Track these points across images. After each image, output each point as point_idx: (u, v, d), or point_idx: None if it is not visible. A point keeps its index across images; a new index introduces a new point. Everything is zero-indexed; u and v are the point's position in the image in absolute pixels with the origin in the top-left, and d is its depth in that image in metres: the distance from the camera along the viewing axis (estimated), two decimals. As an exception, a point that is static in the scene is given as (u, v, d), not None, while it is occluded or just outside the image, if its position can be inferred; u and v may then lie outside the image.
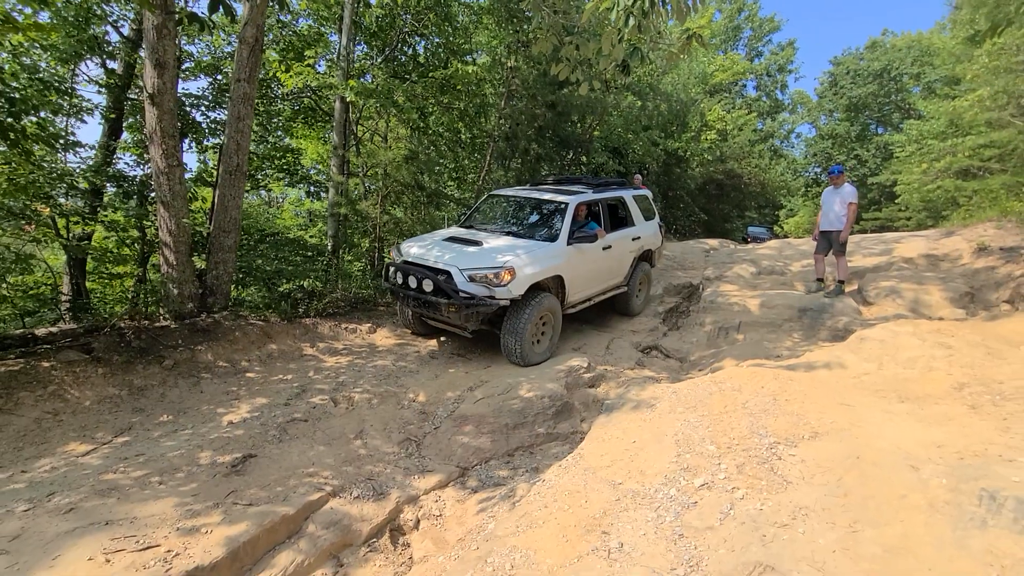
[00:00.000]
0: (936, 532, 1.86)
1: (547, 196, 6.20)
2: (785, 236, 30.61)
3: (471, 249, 5.33)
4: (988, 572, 1.66)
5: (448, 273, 4.99)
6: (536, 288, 5.24)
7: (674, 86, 16.28)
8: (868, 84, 27.25)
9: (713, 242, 13.19)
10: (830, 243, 6.81)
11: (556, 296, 5.57)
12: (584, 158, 13.72)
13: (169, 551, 2.41)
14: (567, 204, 5.88)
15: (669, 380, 5.19)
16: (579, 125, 12.35)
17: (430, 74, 8.80)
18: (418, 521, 3.18)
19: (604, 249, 6.22)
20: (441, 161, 10.69)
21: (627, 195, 7.11)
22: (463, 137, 10.98)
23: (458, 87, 8.88)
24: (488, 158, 10.74)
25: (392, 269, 5.49)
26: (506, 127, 10.48)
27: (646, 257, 7.45)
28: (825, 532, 1.94)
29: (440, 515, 3.23)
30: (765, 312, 6.95)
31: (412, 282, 5.19)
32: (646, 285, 7.58)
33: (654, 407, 3.40)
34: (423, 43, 9.77)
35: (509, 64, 9.85)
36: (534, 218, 6.40)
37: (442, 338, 6.18)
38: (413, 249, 5.56)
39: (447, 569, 2.36)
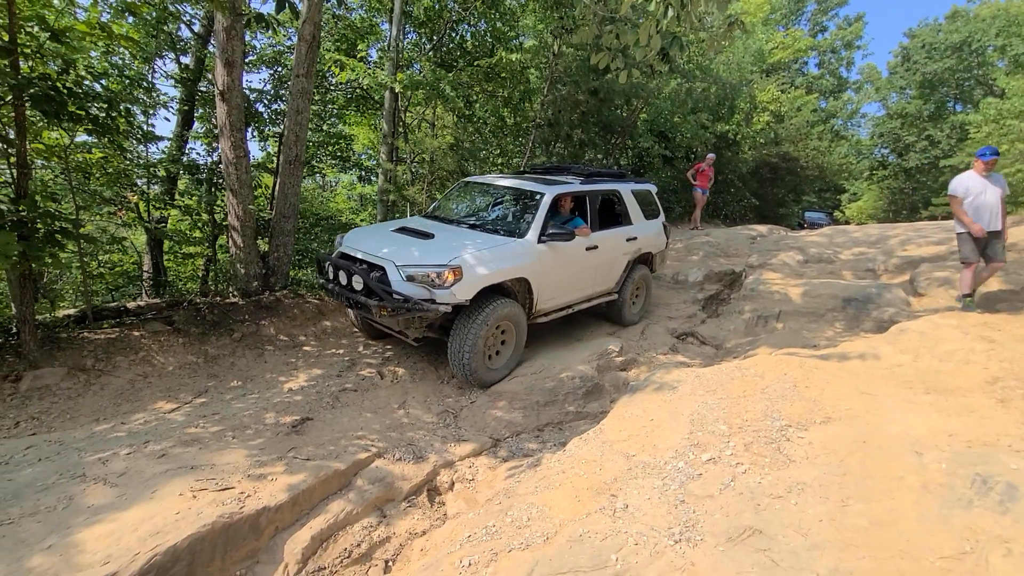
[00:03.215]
0: (923, 510, 1.99)
1: (523, 186, 5.44)
2: (847, 222, 29.12)
3: (419, 242, 4.64)
4: (963, 545, 1.79)
5: (383, 269, 4.30)
6: (494, 292, 4.56)
7: (727, 66, 15.75)
8: (945, 58, 25.22)
9: (761, 228, 12.85)
10: (985, 247, 5.38)
11: (521, 302, 4.86)
12: (629, 142, 13.63)
13: (242, 493, 2.84)
14: (542, 196, 5.11)
15: (700, 366, 5.30)
16: (623, 109, 12.27)
17: (476, 62, 9.02)
18: (452, 483, 3.52)
19: (588, 250, 5.42)
20: (485, 147, 10.95)
21: (624, 189, 6.26)
22: (507, 122, 11.19)
23: (503, 75, 9.07)
24: (531, 143, 10.91)
25: (324, 263, 4.77)
26: (549, 113, 10.58)
27: (645, 260, 6.61)
28: (816, 505, 2.11)
29: (473, 479, 3.55)
30: (807, 301, 6.87)
31: (343, 278, 4.49)
32: (644, 291, 6.73)
33: (676, 389, 3.58)
34: (470, 31, 10.00)
35: (554, 49, 9.93)
36: (506, 210, 5.69)
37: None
38: (354, 240, 4.91)
39: (474, 521, 2.68)
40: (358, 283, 4.34)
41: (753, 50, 17.58)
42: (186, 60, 8.07)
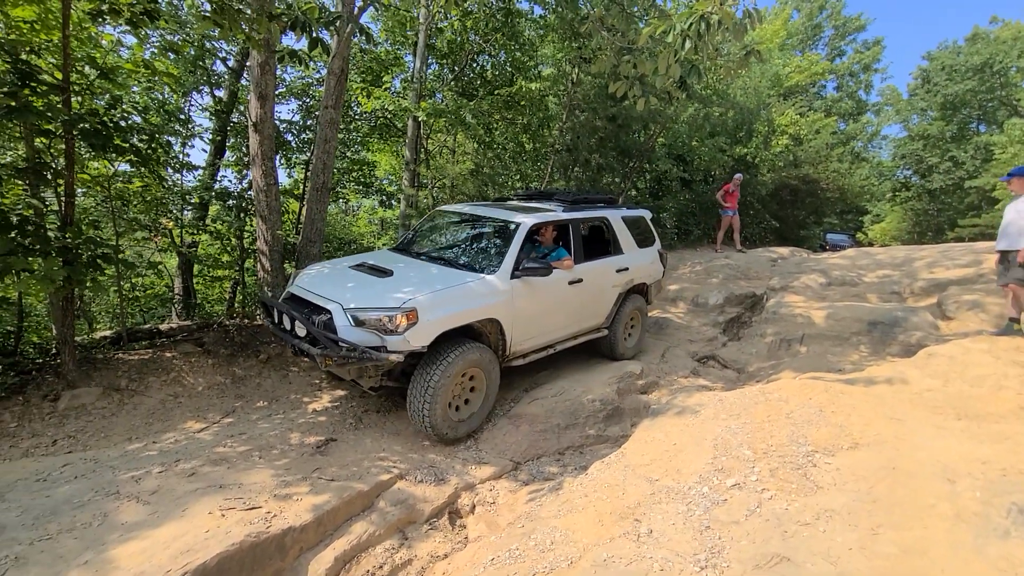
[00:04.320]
0: (956, 538, 1.94)
1: (497, 215, 5.00)
2: (870, 243, 28.63)
3: (374, 281, 4.19)
4: (999, 576, 1.74)
5: (329, 313, 3.84)
6: (462, 334, 4.11)
7: (744, 91, 15.86)
8: (967, 80, 25.02)
9: (783, 250, 12.74)
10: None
11: (492, 345, 4.38)
12: (647, 165, 13.73)
13: (269, 512, 2.89)
14: (518, 226, 4.66)
15: (723, 390, 5.24)
16: (641, 134, 12.42)
17: (496, 91, 9.28)
18: (473, 506, 3.52)
19: (571, 284, 4.98)
20: (505, 172, 11.16)
21: (613, 216, 5.77)
22: (526, 148, 11.42)
23: (522, 103, 9.30)
24: (550, 168, 11.08)
25: (270, 306, 4.31)
26: (568, 139, 10.77)
27: (639, 291, 6.14)
28: (846, 532, 2.07)
29: (494, 502, 3.55)
30: (831, 324, 6.77)
31: (287, 322, 4.02)
32: (639, 324, 6.22)
33: (698, 413, 3.55)
34: (490, 61, 10.32)
35: (572, 77, 10.17)
36: (479, 243, 5.20)
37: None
38: (307, 278, 4.48)
39: (496, 544, 2.68)
40: (301, 328, 3.87)
41: (770, 74, 17.69)
42: (220, 93, 8.46)
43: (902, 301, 7.45)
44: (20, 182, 4.09)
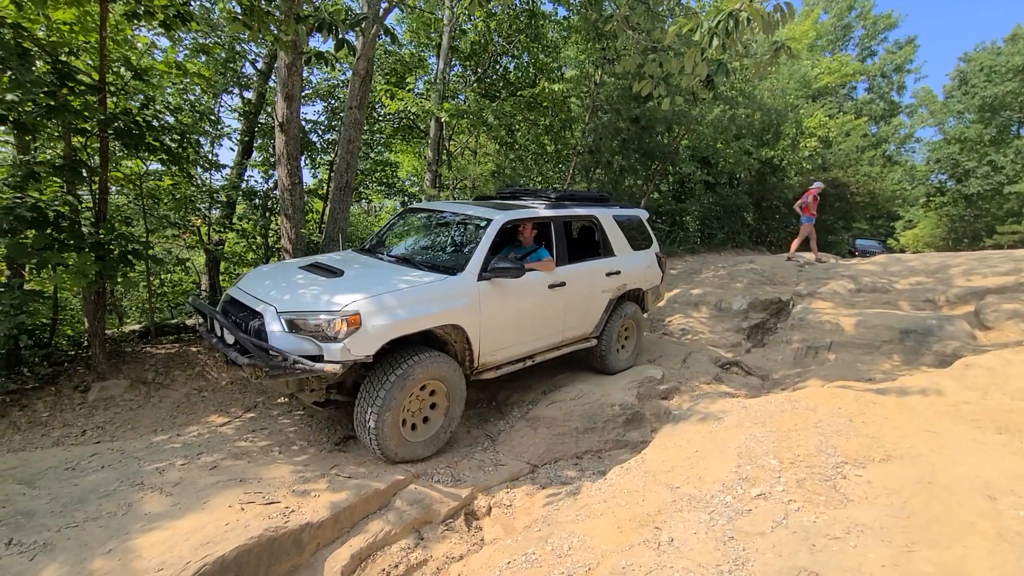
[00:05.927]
0: (998, 559, 1.84)
1: (469, 211, 4.61)
2: (901, 250, 27.77)
3: (320, 282, 3.72)
4: (1046, 601, 1.64)
5: (261, 317, 3.39)
6: (423, 343, 3.73)
7: (771, 92, 15.58)
8: (1007, 81, 24.09)
9: (809, 255, 12.45)
10: None
11: (458, 355, 3.94)
12: (670, 168, 13.58)
13: (287, 507, 2.91)
14: (488, 222, 4.24)
15: (746, 397, 5.11)
16: (665, 136, 12.28)
17: (519, 92, 9.28)
18: (490, 508, 3.49)
19: (553, 287, 4.52)
20: (526, 174, 11.15)
21: (603, 215, 5.29)
22: (548, 150, 11.40)
23: (545, 104, 9.28)
24: (572, 170, 11.02)
25: (202, 311, 3.90)
26: (590, 140, 10.70)
27: (634, 297, 5.65)
28: (878, 548, 1.98)
29: (510, 505, 3.52)
30: (861, 332, 6.57)
31: (217, 328, 3.62)
32: (634, 334, 5.68)
33: (721, 420, 3.47)
34: (513, 63, 10.34)
35: (596, 78, 10.11)
36: (448, 242, 4.85)
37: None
38: (250, 278, 4.08)
39: (512, 547, 2.64)
40: (229, 336, 3.46)
41: (798, 76, 17.34)
42: (249, 95, 8.65)
43: (937, 309, 7.19)
44: (57, 179, 4.22)
